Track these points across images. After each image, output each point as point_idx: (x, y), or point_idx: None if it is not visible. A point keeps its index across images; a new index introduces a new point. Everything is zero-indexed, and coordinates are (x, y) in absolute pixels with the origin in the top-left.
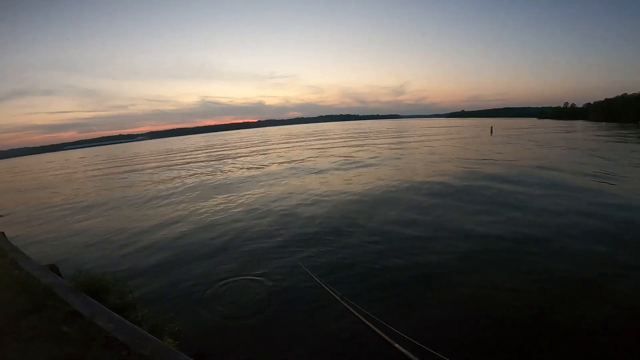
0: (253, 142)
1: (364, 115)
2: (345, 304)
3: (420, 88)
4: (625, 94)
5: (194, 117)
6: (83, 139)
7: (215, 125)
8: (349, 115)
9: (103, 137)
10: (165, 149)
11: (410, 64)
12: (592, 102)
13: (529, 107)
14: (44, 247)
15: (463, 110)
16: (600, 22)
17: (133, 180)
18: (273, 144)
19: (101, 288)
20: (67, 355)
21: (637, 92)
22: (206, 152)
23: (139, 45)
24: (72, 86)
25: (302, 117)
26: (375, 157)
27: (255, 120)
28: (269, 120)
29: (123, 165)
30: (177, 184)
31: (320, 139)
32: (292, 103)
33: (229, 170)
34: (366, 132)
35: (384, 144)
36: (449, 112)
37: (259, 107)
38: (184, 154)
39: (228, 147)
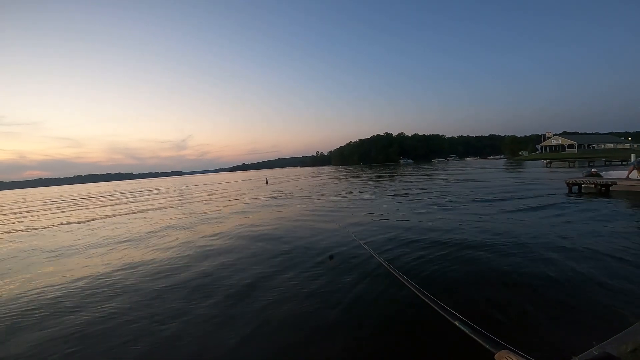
0: None
1: (139, 174)
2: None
3: (203, 142)
4: (351, 142)
5: None
6: None
7: None
8: (119, 174)
9: None
10: None
11: (193, 117)
12: (332, 150)
13: (295, 157)
14: None
15: (244, 164)
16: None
17: None
18: None
19: None
20: None
21: (357, 140)
22: None
23: None
24: None
25: (50, 178)
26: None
27: None
28: None
29: None
30: None
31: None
32: (31, 159)
33: None
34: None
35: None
36: (231, 165)
37: None
38: None
39: None
